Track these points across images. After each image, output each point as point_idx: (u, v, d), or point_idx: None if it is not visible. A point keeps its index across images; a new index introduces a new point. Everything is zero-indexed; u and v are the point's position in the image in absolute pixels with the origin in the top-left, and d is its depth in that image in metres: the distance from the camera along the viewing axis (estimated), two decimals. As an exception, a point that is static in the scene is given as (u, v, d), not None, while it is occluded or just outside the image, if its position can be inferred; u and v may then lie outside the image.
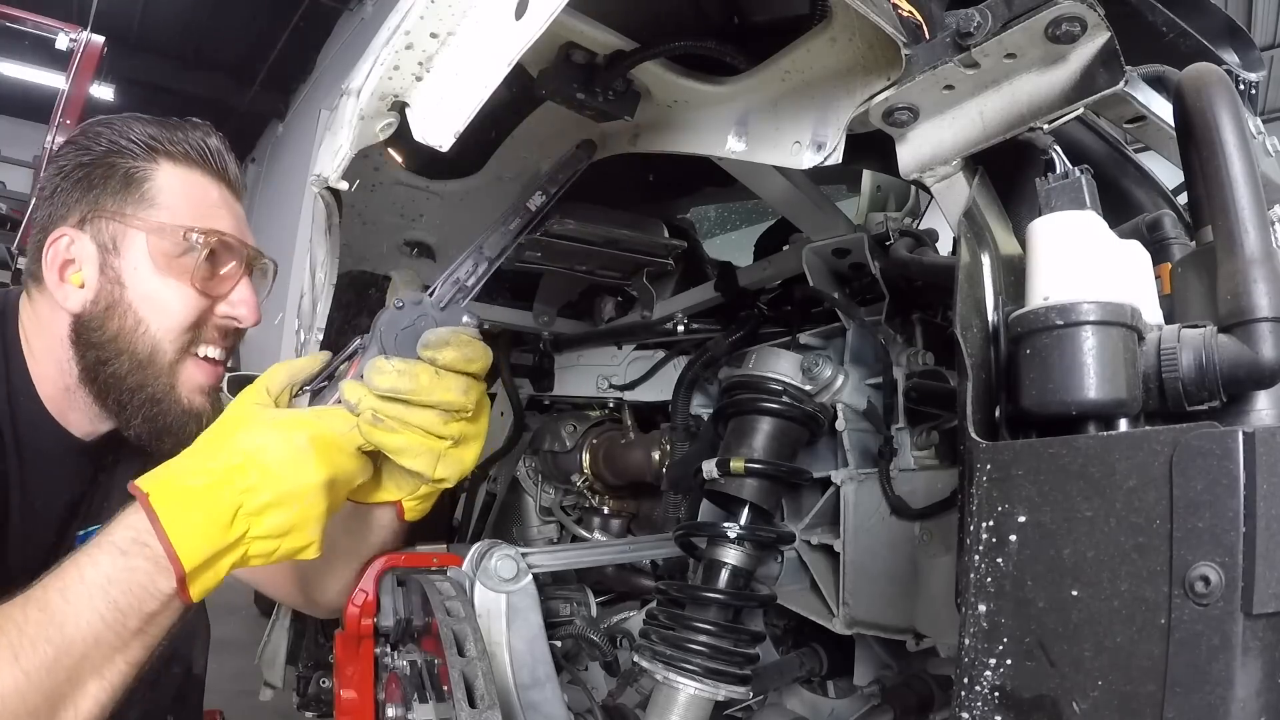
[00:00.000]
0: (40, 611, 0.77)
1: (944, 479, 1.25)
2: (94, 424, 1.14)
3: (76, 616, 0.77)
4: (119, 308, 1.05)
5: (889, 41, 0.80)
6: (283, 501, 0.85)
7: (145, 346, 1.06)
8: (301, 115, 8.44)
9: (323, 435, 0.88)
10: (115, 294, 1.05)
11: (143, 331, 1.06)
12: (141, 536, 0.81)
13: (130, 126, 1.08)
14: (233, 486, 0.83)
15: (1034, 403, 0.66)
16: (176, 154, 1.09)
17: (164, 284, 1.06)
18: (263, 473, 0.84)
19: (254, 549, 0.86)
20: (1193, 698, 0.53)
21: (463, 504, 2.26)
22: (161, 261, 1.05)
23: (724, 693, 1.20)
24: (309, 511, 0.87)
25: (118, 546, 0.81)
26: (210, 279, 1.08)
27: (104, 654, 0.78)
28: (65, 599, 0.78)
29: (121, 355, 1.06)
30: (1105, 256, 0.69)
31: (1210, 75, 0.72)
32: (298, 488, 0.86)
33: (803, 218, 1.48)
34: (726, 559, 1.28)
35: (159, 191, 1.07)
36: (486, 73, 0.84)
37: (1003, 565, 0.63)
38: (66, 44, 7.10)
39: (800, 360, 1.33)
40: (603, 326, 1.98)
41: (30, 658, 0.74)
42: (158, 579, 0.81)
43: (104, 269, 1.06)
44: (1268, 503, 0.53)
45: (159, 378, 1.07)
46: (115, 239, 1.05)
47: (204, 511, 0.82)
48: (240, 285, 1.12)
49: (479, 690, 1.00)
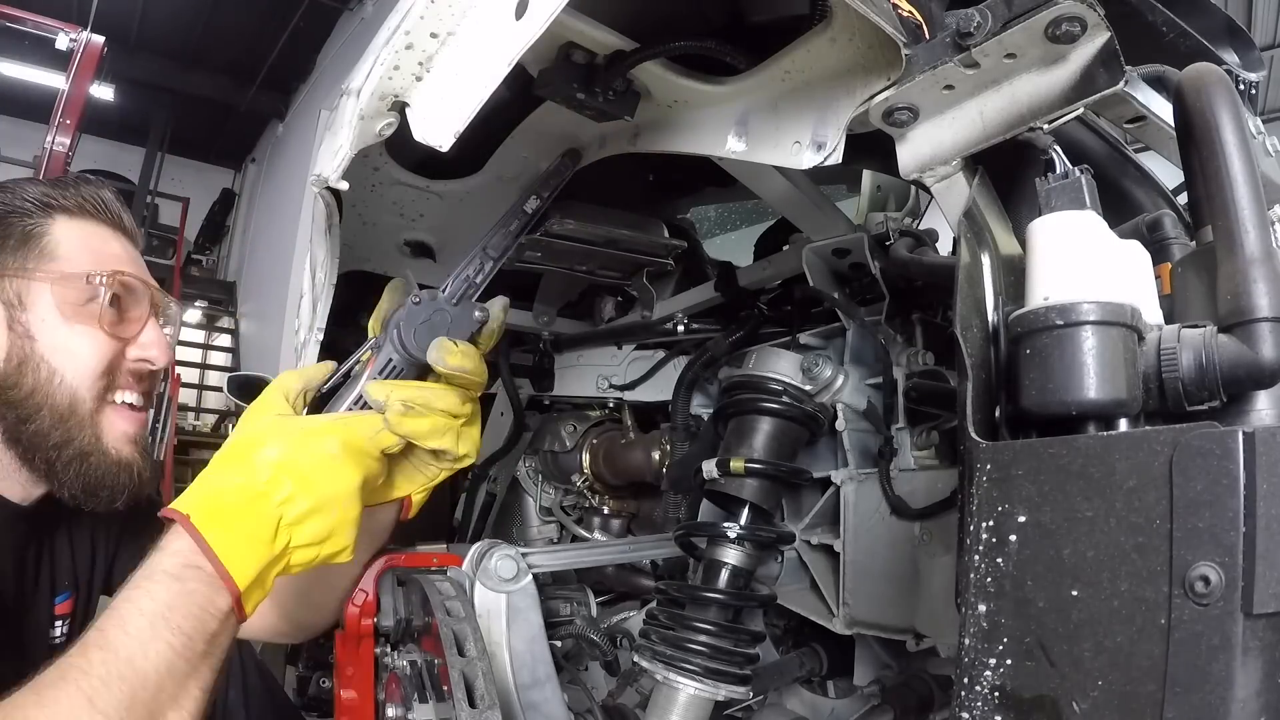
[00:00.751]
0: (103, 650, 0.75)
1: (944, 479, 1.25)
2: (27, 489, 1.11)
3: (144, 648, 0.76)
4: (31, 361, 1.04)
5: (889, 41, 0.80)
6: (321, 508, 0.86)
7: (64, 398, 1.05)
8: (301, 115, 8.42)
9: (352, 440, 0.89)
10: (26, 349, 1.04)
11: (58, 382, 1.04)
12: (190, 559, 0.81)
13: (23, 188, 1.09)
14: (270, 499, 0.84)
15: (1034, 403, 0.66)
16: (71, 208, 1.09)
17: (73, 332, 1.05)
18: (299, 482, 0.85)
19: (296, 558, 0.87)
20: (1193, 698, 0.53)
21: (463, 504, 2.26)
22: (68, 310, 1.05)
23: (724, 693, 1.20)
24: (346, 515, 0.88)
25: (169, 574, 0.80)
26: (118, 322, 1.08)
27: (178, 682, 0.77)
28: (128, 634, 0.76)
29: (41, 410, 1.04)
30: (1105, 256, 0.69)
31: (1210, 75, 0.72)
32: (335, 493, 0.87)
33: (803, 218, 1.48)
34: (726, 559, 1.28)
35: (57, 244, 1.07)
36: (486, 73, 0.84)
37: (1003, 565, 0.63)
38: (66, 44, 7.08)
39: (800, 360, 1.33)
40: (603, 326, 1.98)
41: (106, 699, 0.72)
42: (215, 599, 0.81)
43: (12, 325, 1.04)
44: (1268, 503, 0.53)
45: (83, 430, 1.06)
46: (20, 295, 1.04)
47: (248, 528, 0.83)
48: (148, 327, 1.12)
49: (479, 690, 1.00)
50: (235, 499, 0.84)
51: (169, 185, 11.07)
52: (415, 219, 1.58)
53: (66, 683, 0.73)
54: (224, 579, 0.81)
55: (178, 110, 10.47)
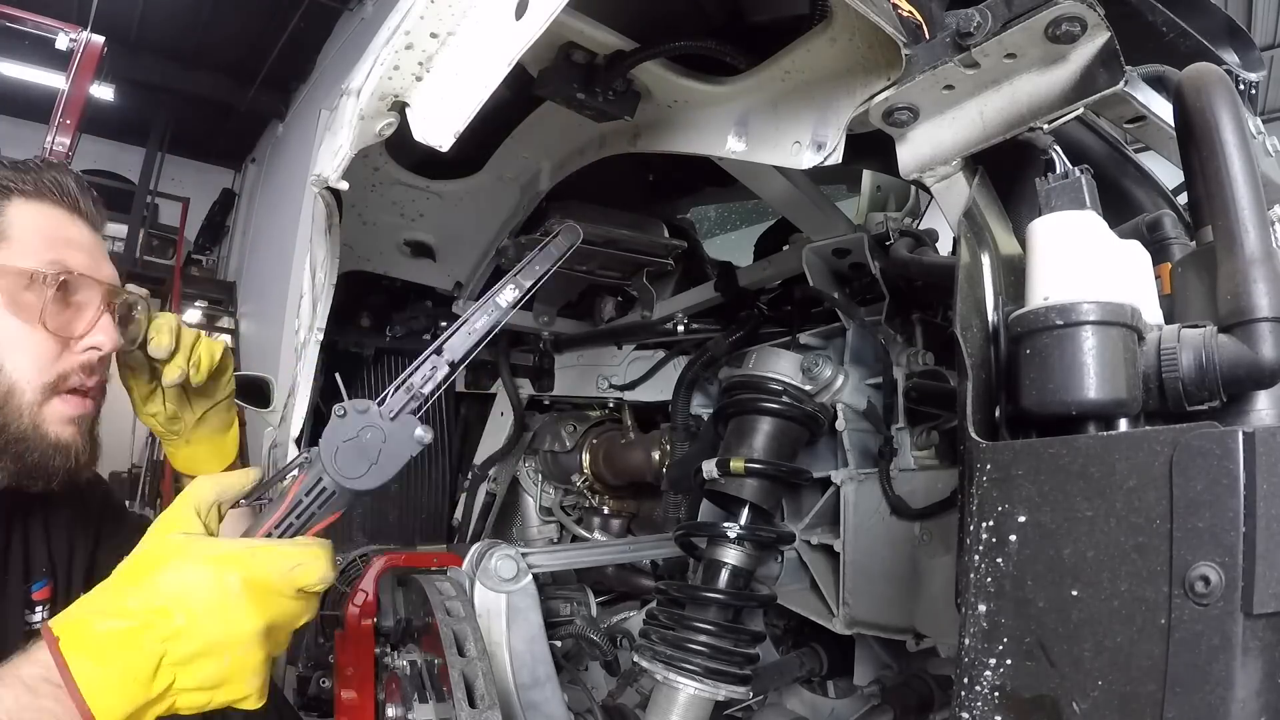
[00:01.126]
0: None
1: (944, 479, 1.24)
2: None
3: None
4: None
5: (889, 41, 0.80)
6: (212, 651, 0.76)
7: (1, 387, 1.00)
8: (301, 115, 8.42)
9: (257, 576, 0.78)
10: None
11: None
12: (51, 675, 0.72)
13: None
14: (154, 633, 0.74)
15: (1034, 403, 0.66)
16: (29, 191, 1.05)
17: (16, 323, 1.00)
18: (189, 617, 0.75)
19: (183, 700, 0.77)
20: (1193, 698, 0.53)
21: (463, 504, 2.26)
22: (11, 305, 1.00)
23: (724, 693, 1.20)
24: (244, 661, 0.77)
25: (24, 683, 0.72)
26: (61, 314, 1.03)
27: None
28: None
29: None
30: (1105, 256, 0.69)
31: (1210, 75, 0.72)
32: (228, 637, 0.76)
33: (803, 218, 1.48)
34: (726, 559, 1.28)
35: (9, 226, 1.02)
36: (486, 73, 0.84)
37: (1003, 565, 0.63)
38: (66, 44, 7.08)
39: (800, 360, 1.33)
40: (603, 326, 1.98)
41: None
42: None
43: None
44: (1268, 503, 0.53)
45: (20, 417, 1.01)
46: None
47: (121, 663, 0.73)
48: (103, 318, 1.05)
49: (479, 690, 1.00)
50: (112, 626, 0.74)
51: (169, 185, 11.06)
52: (415, 219, 1.58)
53: None
54: (83, 715, 0.71)
55: (178, 110, 10.47)
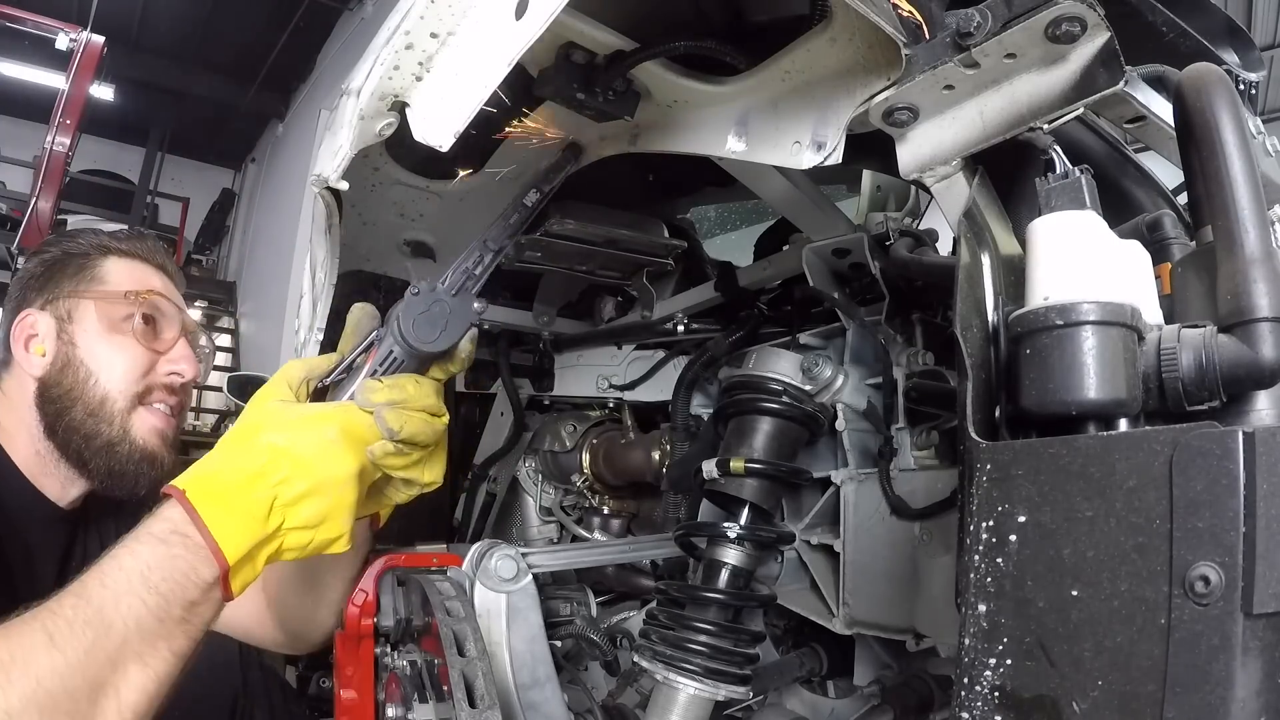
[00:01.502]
0: (77, 598, 0.77)
1: (944, 479, 1.24)
2: (65, 487, 1.27)
3: (116, 601, 0.77)
4: (73, 364, 1.23)
5: (889, 41, 0.80)
6: (317, 491, 0.87)
7: (96, 395, 1.22)
8: (301, 115, 8.43)
9: (351, 427, 0.90)
10: (70, 354, 1.23)
11: (93, 383, 1.22)
12: (180, 528, 0.82)
13: (85, 235, 1.31)
14: (267, 479, 0.85)
15: (1034, 403, 0.66)
16: (123, 251, 1.31)
17: (110, 342, 1.24)
18: (296, 464, 0.86)
19: (289, 540, 0.88)
20: (1193, 698, 0.53)
21: (463, 504, 2.26)
22: (108, 324, 1.24)
23: (724, 693, 1.20)
24: (341, 500, 0.89)
25: (155, 536, 0.82)
26: (150, 337, 1.26)
27: (147, 640, 0.78)
28: (104, 585, 0.78)
29: (76, 404, 1.21)
30: (1105, 256, 0.69)
31: (1210, 75, 0.72)
32: (331, 477, 0.88)
33: (803, 218, 1.48)
34: (726, 559, 1.28)
35: (107, 274, 1.27)
36: (486, 73, 0.84)
37: (1003, 565, 0.63)
38: (66, 44, 7.09)
39: (800, 360, 1.33)
40: (603, 326, 1.98)
41: (67, 638, 0.73)
42: (199, 567, 0.81)
43: (60, 335, 1.24)
44: (1268, 503, 0.53)
45: (112, 423, 1.22)
46: (70, 311, 1.25)
47: (242, 504, 0.84)
48: (179, 344, 1.29)
49: (479, 690, 1.00)
50: (232, 477, 0.85)
51: (169, 185, 11.07)
52: (415, 219, 1.58)
53: (34, 621, 0.75)
54: (214, 553, 0.81)
55: (178, 110, 10.48)
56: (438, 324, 0.96)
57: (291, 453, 0.87)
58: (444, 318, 0.97)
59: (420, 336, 0.95)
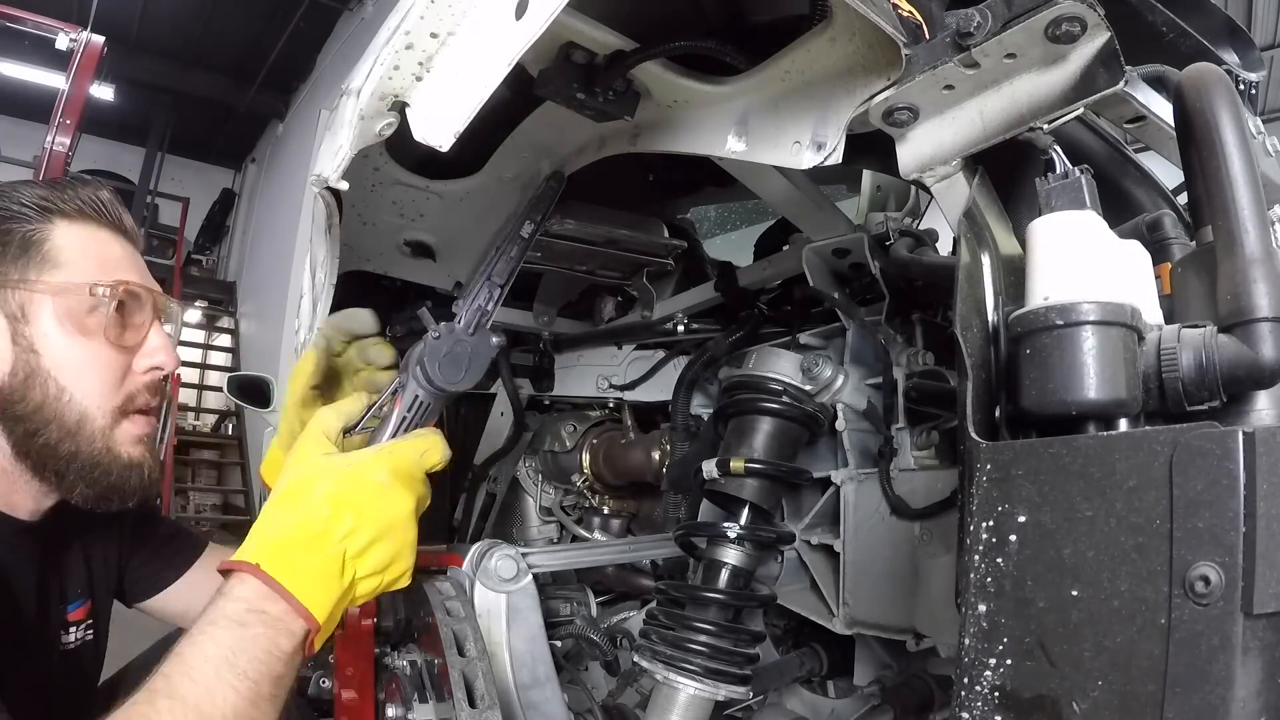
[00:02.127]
0: (171, 700, 0.75)
1: (944, 479, 1.25)
2: (38, 501, 1.10)
3: (211, 695, 0.76)
4: (38, 377, 1.01)
5: (889, 41, 0.80)
6: (382, 536, 0.88)
7: (73, 415, 1.03)
8: (301, 115, 8.43)
9: (399, 466, 0.92)
10: (32, 363, 1.01)
11: (67, 400, 1.02)
12: (255, 605, 0.81)
13: (20, 191, 1.05)
14: (333, 536, 0.85)
15: (1034, 403, 0.66)
16: (70, 211, 1.06)
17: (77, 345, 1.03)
18: (357, 515, 0.87)
19: (362, 588, 0.89)
20: (1193, 698, 0.53)
21: (463, 504, 2.26)
22: (71, 324, 1.02)
23: (724, 693, 1.20)
24: (405, 540, 0.91)
25: (232, 620, 0.80)
26: (122, 330, 1.06)
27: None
28: (194, 680, 0.77)
29: (50, 424, 1.02)
30: (1105, 256, 0.69)
31: (1210, 75, 0.72)
32: (393, 520, 0.89)
33: (803, 218, 1.48)
34: (726, 559, 1.28)
35: (59, 251, 1.03)
36: (486, 73, 0.84)
37: (1003, 565, 0.63)
38: (66, 44, 7.08)
39: (800, 360, 1.33)
40: (603, 326, 1.98)
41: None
42: (280, 642, 0.81)
43: (16, 339, 1.01)
44: (1268, 503, 0.53)
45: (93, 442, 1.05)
46: (23, 307, 1.01)
47: (317, 565, 0.84)
48: (153, 332, 1.10)
49: (479, 690, 1.00)
50: (299, 540, 0.85)
51: (169, 185, 11.07)
52: (415, 219, 1.58)
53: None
54: (301, 615, 0.82)
55: (178, 110, 10.48)
56: (461, 364, 1.01)
57: (351, 504, 0.87)
58: (466, 357, 1.02)
59: (446, 379, 1.00)
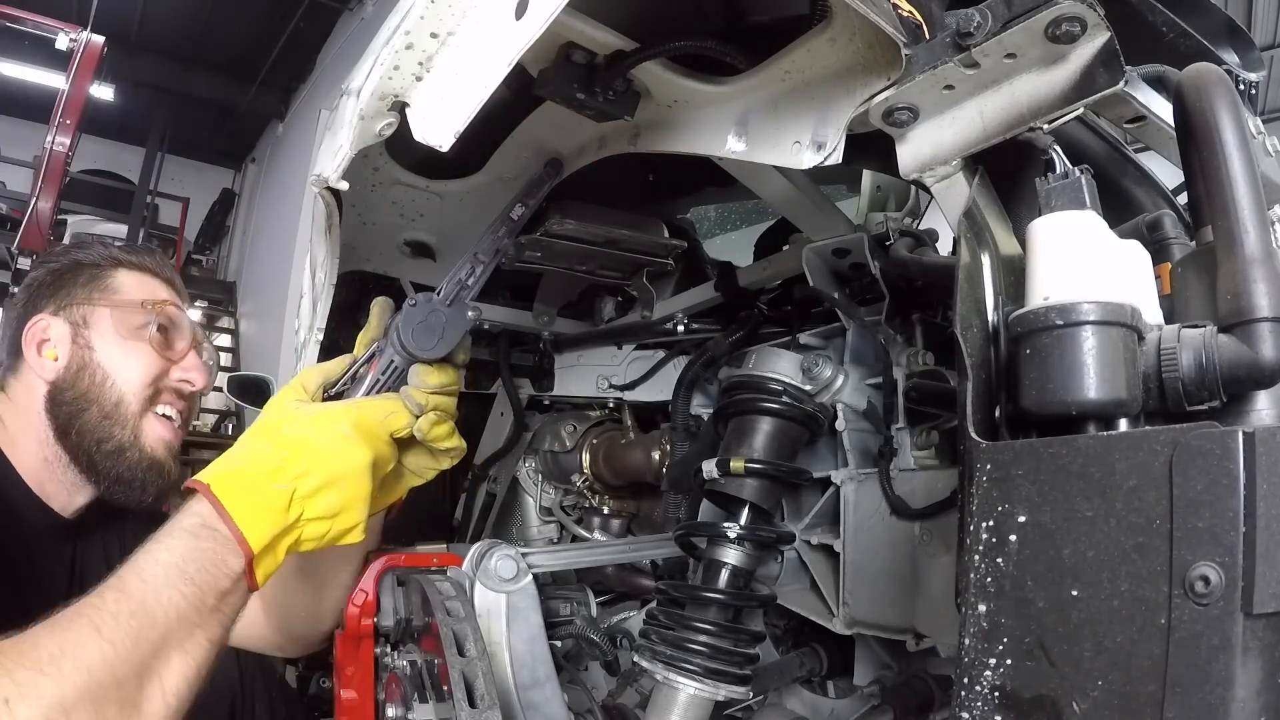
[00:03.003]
0: (119, 592, 0.80)
1: (944, 479, 1.24)
2: (72, 495, 1.28)
3: (156, 593, 0.81)
4: (89, 368, 1.25)
5: (889, 41, 0.80)
6: (333, 483, 0.93)
7: (112, 398, 1.24)
8: (301, 115, 8.41)
9: (362, 422, 0.98)
10: (85, 357, 1.25)
11: (110, 385, 1.25)
12: (208, 521, 0.87)
13: (94, 247, 1.35)
14: (286, 473, 0.91)
15: (1034, 403, 0.66)
16: (132, 263, 1.34)
17: (127, 347, 1.27)
18: (313, 458, 0.93)
19: (308, 531, 0.93)
20: (1193, 698, 0.53)
21: (463, 504, 2.26)
22: (124, 331, 1.28)
23: (724, 693, 1.20)
24: (357, 491, 0.96)
25: (186, 530, 0.86)
26: (165, 345, 1.30)
27: (185, 629, 0.82)
28: (143, 579, 0.82)
29: (91, 406, 1.23)
30: (1105, 256, 0.69)
31: (1210, 75, 0.72)
32: (346, 469, 0.94)
33: (803, 218, 1.48)
34: (726, 559, 1.28)
35: (119, 285, 1.31)
36: (486, 73, 0.84)
37: (1003, 565, 0.63)
38: (66, 44, 7.08)
39: (800, 360, 1.33)
40: (603, 326, 1.98)
41: (114, 630, 0.77)
42: (228, 559, 0.86)
43: (75, 340, 1.26)
44: (1268, 503, 0.53)
45: (124, 428, 1.24)
46: (85, 317, 1.28)
47: (264, 497, 0.89)
48: (190, 354, 1.33)
49: (479, 690, 1.00)
50: (254, 471, 0.91)
51: (169, 185, 11.06)
52: (415, 219, 1.58)
53: (79, 616, 0.78)
54: (239, 542, 0.86)
55: (178, 110, 10.47)
56: (435, 332, 1.05)
57: (309, 447, 0.93)
58: (440, 326, 1.05)
59: (419, 345, 1.04)
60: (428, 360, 1.05)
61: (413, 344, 1.03)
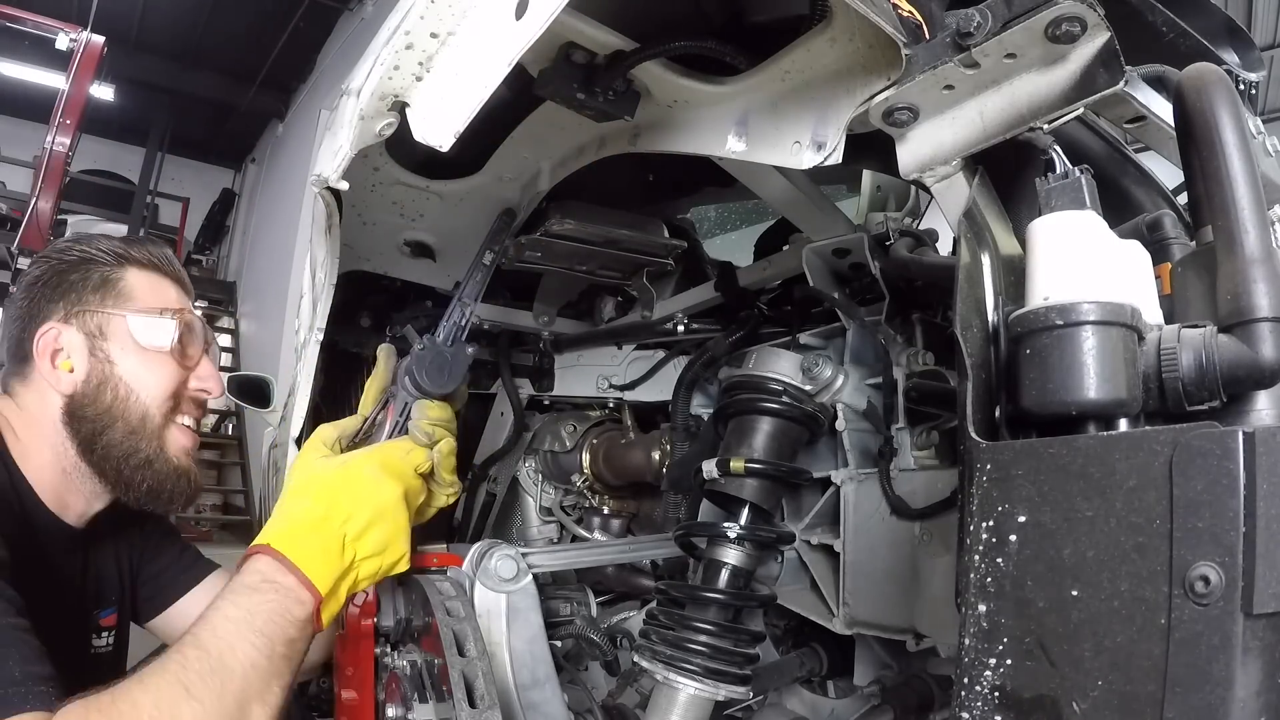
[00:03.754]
0: (198, 650, 0.86)
1: (944, 479, 1.24)
2: (89, 504, 1.26)
3: (232, 648, 0.88)
4: (110, 382, 1.21)
5: (889, 41, 0.80)
6: (376, 520, 1.03)
7: (137, 412, 1.22)
8: (301, 115, 8.42)
9: (387, 461, 1.08)
10: (106, 371, 1.21)
11: (134, 400, 1.22)
12: (268, 576, 0.95)
13: (99, 242, 1.28)
14: (333, 520, 1.00)
15: (1034, 403, 0.66)
16: (141, 261, 1.29)
17: (147, 358, 1.23)
18: (353, 501, 1.02)
19: (363, 570, 1.02)
20: (1193, 698, 0.53)
21: (463, 504, 2.26)
22: (143, 339, 1.24)
23: (724, 693, 1.20)
24: (397, 524, 1.05)
25: (249, 587, 0.94)
26: (184, 353, 1.28)
27: (262, 679, 0.88)
28: (217, 635, 0.88)
29: (116, 423, 1.21)
30: (1105, 256, 0.69)
31: (1210, 75, 0.72)
32: (384, 505, 1.04)
33: (803, 218, 1.48)
34: (726, 559, 1.28)
35: (132, 289, 1.26)
36: (486, 73, 0.84)
37: (1003, 565, 0.63)
38: (66, 44, 7.09)
39: (800, 360, 1.33)
40: (603, 326, 1.98)
41: (201, 690, 0.83)
42: (292, 607, 0.94)
43: (93, 352, 1.21)
44: (1268, 503, 0.53)
45: (150, 440, 1.23)
46: (101, 327, 1.22)
47: (319, 544, 0.98)
48: (204, 361, 1.32)
49: (479, 690, 1.00)
50: (303, 524, 1.00)
51: (169, 185, 11.07)
52: (415, 219, 1.58)
53: (166, 674, 0.84)
54: (307, 588, 0.94)
55: (178, 110, 10.47)
56: (444, 370, 1.20)
57: (347, 493, 1.02)
58: (446, 364, 1.20)
59: (433, 383, 1.19)
60: (440, 395, 1.18)
61: (427, 382, 1.17)
